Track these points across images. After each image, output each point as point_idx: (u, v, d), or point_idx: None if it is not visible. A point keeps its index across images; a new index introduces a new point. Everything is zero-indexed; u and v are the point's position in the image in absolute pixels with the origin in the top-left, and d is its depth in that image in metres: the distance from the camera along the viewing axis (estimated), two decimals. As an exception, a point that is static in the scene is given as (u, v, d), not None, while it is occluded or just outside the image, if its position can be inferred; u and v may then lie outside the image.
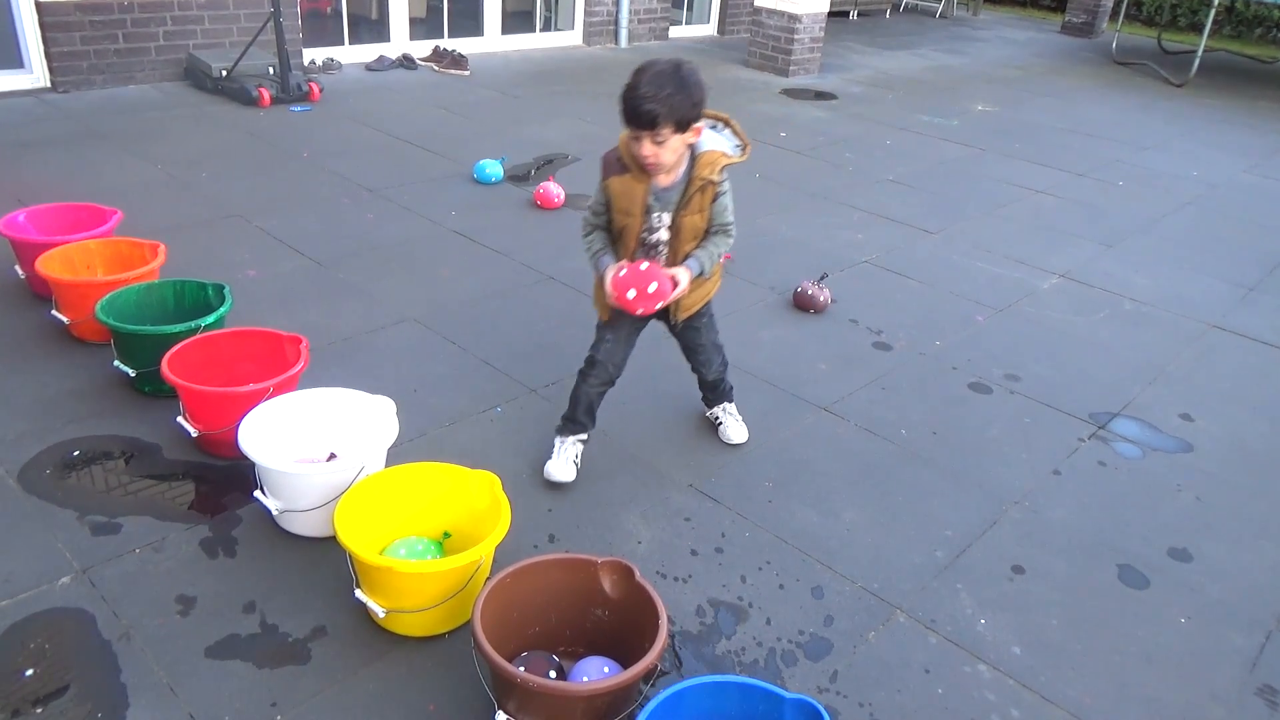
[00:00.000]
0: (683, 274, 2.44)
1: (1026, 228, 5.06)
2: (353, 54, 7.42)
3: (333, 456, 2.59)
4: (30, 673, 1.97)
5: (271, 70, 6.21)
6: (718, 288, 2.73)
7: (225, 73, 6.09)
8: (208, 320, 2.91)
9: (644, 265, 2.40)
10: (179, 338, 2.79)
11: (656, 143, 2.26)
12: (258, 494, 2.39)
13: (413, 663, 2.08)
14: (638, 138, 2.28)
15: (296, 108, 6.11)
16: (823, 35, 8.41)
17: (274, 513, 2.38)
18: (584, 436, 2.75)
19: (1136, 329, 3.97)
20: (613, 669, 1.96)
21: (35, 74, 5.91)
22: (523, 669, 1.85)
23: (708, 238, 2.51)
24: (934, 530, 2.64)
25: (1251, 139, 7.43)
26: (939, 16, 12.76)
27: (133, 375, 2.90)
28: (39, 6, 5.68)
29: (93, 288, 3.07)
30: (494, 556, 2.17)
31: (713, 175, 2.39)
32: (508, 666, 1.78)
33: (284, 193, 4.68)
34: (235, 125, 5.66)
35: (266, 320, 3.12)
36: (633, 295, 2.37)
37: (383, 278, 3.88)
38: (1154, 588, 2.50)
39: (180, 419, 2.66)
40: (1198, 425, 3.28)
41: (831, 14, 9.00)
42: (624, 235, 2.49)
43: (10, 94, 5.78)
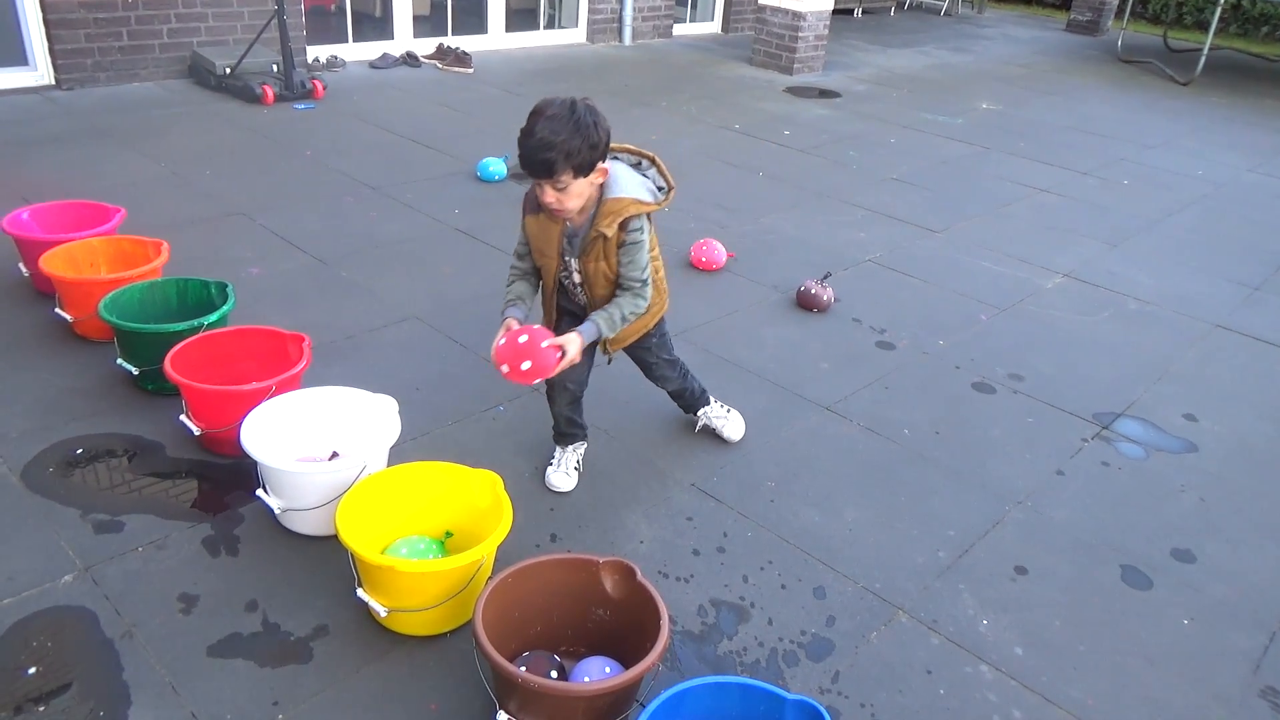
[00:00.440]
0: (572, 343, 2.26)
1: (1030, 227, 5.04)
2: (356, 51, 7.42)
3: (335, 455, 2.59)
4: (33, 671, 1.97)
5: (275, 68, 6.22)
6: (660, 316, 2.61)
7: (229, 70, 6.09)
8: (210, 318, 2.91)
9: (523, 338, 2.24)
10: (182, 336, 2.79)
11: (558, 189, 2.15)
12: (260, 493, 2.39)
13: (414, 662, 2.08)
14: (539, 185, 2.17)
15: (300, 105, 6.11)
16: (827, 33, 8.40)
17: (276, 511, 2.38)
18: (582, 442, 2.74)
19: (1140, 328, 3.96)
20: (614, 669, 1.96)
21: (40, 71, 5.93)
22: (524, 669, 1.86)
23: (619, 292, 2.37)
24: (936, 530, 2.63)
25: (1257, 138, 7.40)
26: (944, 14, 12.73)
27: (135, 373, 2.90)
28: (44, 4, 5.69)
29: (96, 286, 3.08)
30: (496, 556, 2.17)
31: (607, 230, 2.24)
32: (509, 666, 1.78)
33: (287, 190, 4.68)
34: (239, 123, 5.66)
35: (269, 318, 3.12)
36: (506, 370, 2.23)
37: (385, 276, 3.88)
38: (1157, 588, 2.49)
39: (183, 417, 2.66)
40: (1201, 425, 3.27)
41: (836, 12, 8.99)
42: (544, 275, 2.43)
43: (15, 91, 5.79)
